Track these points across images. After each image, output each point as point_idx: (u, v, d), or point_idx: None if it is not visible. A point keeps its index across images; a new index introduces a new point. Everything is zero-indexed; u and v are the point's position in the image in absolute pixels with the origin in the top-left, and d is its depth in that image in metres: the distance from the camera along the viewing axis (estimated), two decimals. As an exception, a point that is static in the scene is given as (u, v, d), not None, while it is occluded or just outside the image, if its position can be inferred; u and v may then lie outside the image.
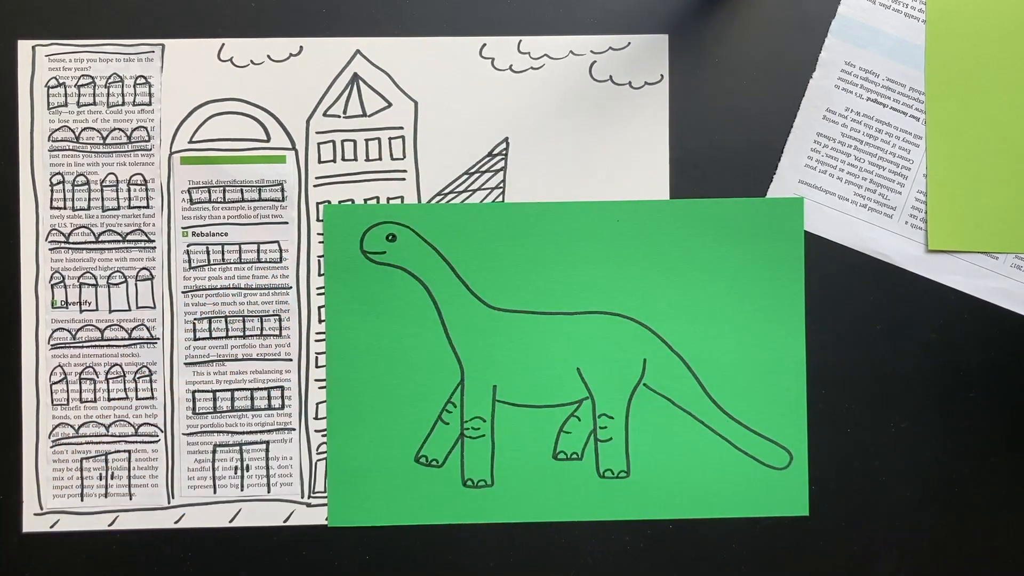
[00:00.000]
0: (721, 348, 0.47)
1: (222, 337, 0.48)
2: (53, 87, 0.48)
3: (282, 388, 0.48)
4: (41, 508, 0.48)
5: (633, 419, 0.47)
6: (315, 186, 0.49)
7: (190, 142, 0.49)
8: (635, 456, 0.47)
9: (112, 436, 0.48)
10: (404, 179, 0.49)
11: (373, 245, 0.47)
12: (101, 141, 0.49)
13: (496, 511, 0.47)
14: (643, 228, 0.48)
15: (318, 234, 0.49)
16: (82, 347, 0.48)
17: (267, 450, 0.48)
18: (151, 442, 0.48)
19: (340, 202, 0.49)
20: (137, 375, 0.48)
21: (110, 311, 0.48)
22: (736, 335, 0.47)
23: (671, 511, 0.47)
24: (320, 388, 0.49)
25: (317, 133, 0.49)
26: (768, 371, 0.47)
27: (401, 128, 0.49)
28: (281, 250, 0.49)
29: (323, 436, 0.48)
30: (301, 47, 0.49)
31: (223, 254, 0.48)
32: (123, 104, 0.49)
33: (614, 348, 0.48)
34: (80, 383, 0.48)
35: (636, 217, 0.48)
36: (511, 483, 0.47)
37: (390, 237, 0.47)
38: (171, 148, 0.49)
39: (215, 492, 0.48)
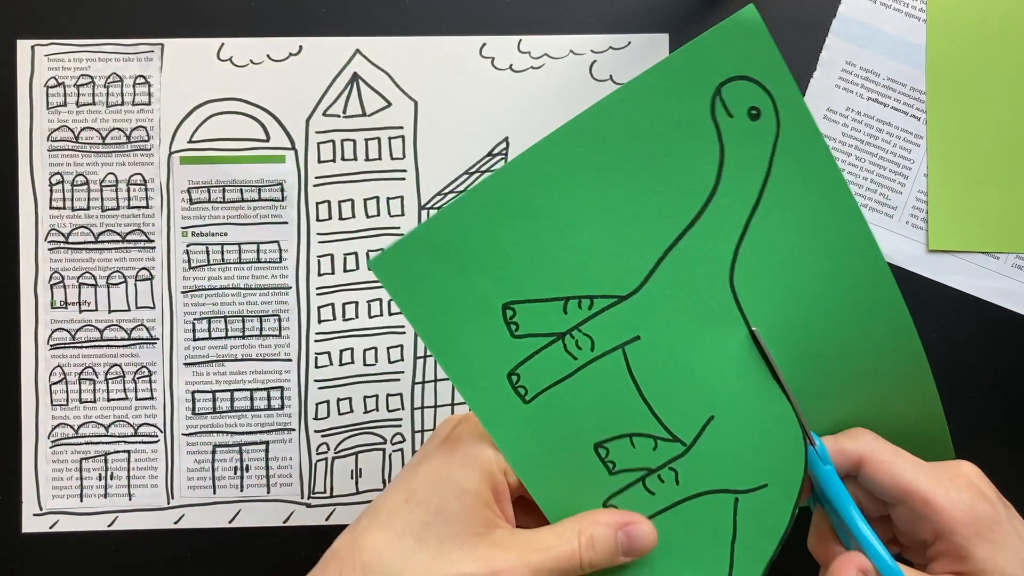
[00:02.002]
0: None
1: (222, 337, 0.48)
2: (52, 87, 0.48)
3: (282, 388, 0.48)
4: (40, 508, 0.48)
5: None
6: (315, 186, 0.49)
7: (189, 142, 0.48)
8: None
9: (111, 436, 0.48)
10: (404, 179, 0.49)
11: (737, 103, 0.32)
12: (100, 141, 0.48)
13: None
14: None
15: (318, 233, 0.48)
16: (81, 347, 0.48)
17: (267, 450, 0.48)
18: (151, 442, 0.48)
19: (341, 202, 0.49)
20: (137, 375, 0.48)
21: (109, 311, 0.48)
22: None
23: None
24: (320, 388, 0.48)
25: (317, 133, 0.49)
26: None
27: (401, 128, 0.49)
28: (281, 250, 0.48)
29: (323, 436, 0.48)
30: (301, 47, 0.49)
31: (223, 254, 0.48)
32: (122, 104, 0.49)
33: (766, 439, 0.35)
34: (79, 383, 0.48)
35: None
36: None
37: (753, 112, 0.33)
38: (170, 148, 0.48)
39: (215, 492, 0.48)
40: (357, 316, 0.49)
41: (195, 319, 0.48)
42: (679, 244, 0.34)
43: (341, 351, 0.49)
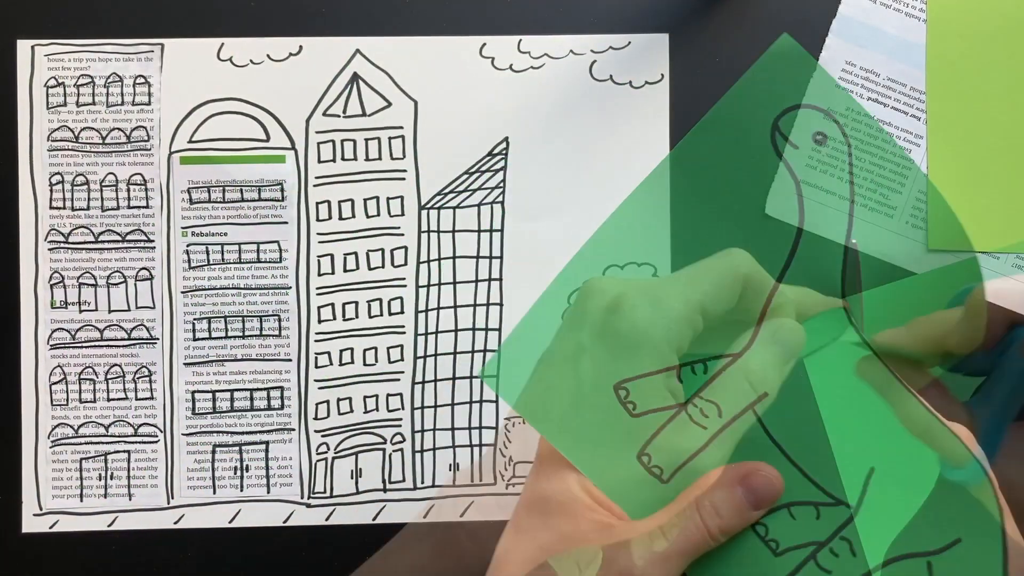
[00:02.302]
0: None
1: (221, 337, 0.48)
2: (52, 87, 0.48)
3: (281, 388, 0.48)
4: (40, 508, 0.48)
5: None
6: (315, 186, 0.49)
7: (189, 142, 0.49)
8: None
9: (111, 436, 0.48)
10: (404, 179, 0.49)
11: (798, 134, 0.30)
12: (100, 141, 0.48)
13: None
14: None
15: (318, 233, 0.49)
16: (81, 347, 0.48)
17: (267, 450, 0.48)
18: (150, 442, 0.48)
19: (341, 202, 0.49)
20: (136, 375, 0.48)
21: (109, 311, 0.48)
22: None
23: None
24: (320, 388, 0.48)
25: (317, 133, 0.49)
26: None
27: (401, 128, 0.49)
28: (281, 250, 0.49)
29: (323, 436, 0.48)
30: (301, 47, 0.49)
31: (223, 254, 0.48)
32: (122, 104, 0.49)
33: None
34: (79, 383, 0.48)
35: None
36: None
37: (818, 138, 0.32)
38: (170, 148, 0.49)
39: (215, 492, 0.48)
40: (357, 316, 0.49)
41: (195, 319, 0.48)
42: (782, 284, 0.32)
43: (341, 351, 0.49)
